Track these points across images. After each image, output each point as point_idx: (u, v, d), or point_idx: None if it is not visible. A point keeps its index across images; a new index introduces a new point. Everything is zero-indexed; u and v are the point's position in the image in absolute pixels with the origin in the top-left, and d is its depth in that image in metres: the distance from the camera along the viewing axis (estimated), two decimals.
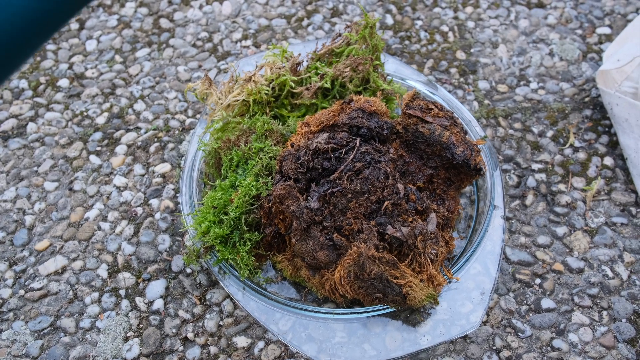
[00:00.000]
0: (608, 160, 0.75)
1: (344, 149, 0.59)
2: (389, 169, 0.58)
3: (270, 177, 0.62)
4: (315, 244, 0.56)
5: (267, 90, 0.68)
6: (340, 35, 0.72)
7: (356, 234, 0.55)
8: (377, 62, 0.71)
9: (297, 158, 0.58)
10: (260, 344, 0.62)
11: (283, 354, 0.62)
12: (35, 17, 0.33)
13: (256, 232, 0.61)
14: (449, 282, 0.59)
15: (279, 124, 0.67)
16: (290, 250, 0.61)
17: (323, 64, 0.71)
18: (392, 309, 0.57)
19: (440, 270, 0.58)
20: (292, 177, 0.58)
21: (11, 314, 0.65)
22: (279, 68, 0.70)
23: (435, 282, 0.56)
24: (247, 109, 0.69)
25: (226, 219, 0.61)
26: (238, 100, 0.68)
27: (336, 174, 0.57)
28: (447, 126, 0.63)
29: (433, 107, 0.65)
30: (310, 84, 0.69)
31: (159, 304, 0.66)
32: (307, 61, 0.72)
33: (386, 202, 0.56)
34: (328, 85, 0.68)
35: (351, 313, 0.58)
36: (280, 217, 0.60)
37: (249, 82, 0.68)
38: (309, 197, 0.57)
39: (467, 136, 0.65)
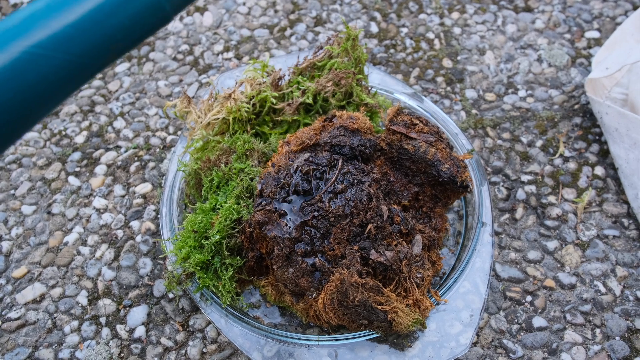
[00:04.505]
0: (599, 170, 0.74)
1: (326, 168, 0.57)
2: (372, 190, 0.56)
3: (251, 200, 0.60)
4: (297, 270, 0.54)
5: (248, 108, 0.66)
6: (321, 47, 0.70)
7: (339, 260, 0.54)
8: (360, 75, 0.69)
9: (277, 181, 0.57)
10: None
11: None
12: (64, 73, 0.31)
13: (238, 257, 0.59)
14: (437, 304, 0.57)
15: (260, 143, 0.65)
16: (273, 276, 0.60)
17: (305, 78, 0.69)
18: (379, 335, 0.55)
19: (427, 294, 0.57)
20: (272, 200, 0.56)
21: None
22: (260, 84, 0.68)
23: (421, 306, 0.54)
24: (228, 127, 0.67)
25: (207, 243, 0.59)
26: (218, 119, 0.66)
27: (317, 197, 0.55)
28: (433, 142, 0.61)
29: (418, 122, 0.63)
30: (292, 99, 0.68)
31: (140, 332, 0.64)
32: (288, 75, 0.70)
33: (369, 226, 0.54)
34: (310, 100, 0.67)
35: (337, 339, 0.56)
36: (263, 242, 0.58)
37: (228, 100, 0.66)
38: (289, 222, 0.55)
39: (453, 151, 0.63)
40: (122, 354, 0.62)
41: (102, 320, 0.65)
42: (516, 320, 0.62)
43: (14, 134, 0.31)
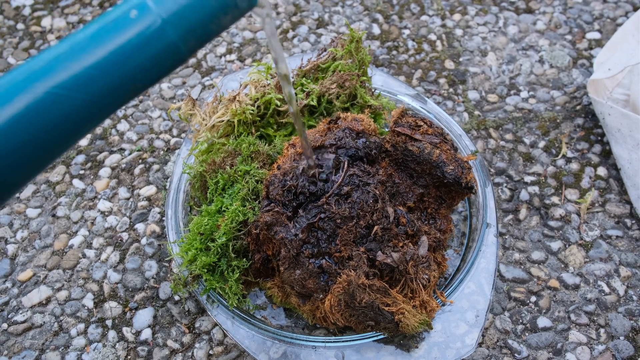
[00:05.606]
0: (601, 171, 0.74)
1: (332, 170, 0.58)
2: (378, 192, 0.57)
3: (257, 202, 0.60)
4: (304, 272, 0.54)
5: (252, 110, 0.66)
6: (325, 50, 0.70)
7: (346, 261, 0.54)
8: (364, 77, 0.70)
9: (283, 183, 0.57)
10: None
11: None
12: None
13: (244, 259, 0.59)
14: (443, 305, 0.58)
15: (265, 145, 0.66)
16: (279, 277, 0.60)
17: (309, 80, 0.69)
18: (385, 336, 0.56)
19: (434, 294, 0.57)
20: (279, 202, 0.57)
21: None
22: (264, 86, 0.68)
23: (428, 307, 0.54)
24: (232, 130, 0.67)
25: (213, 246, 0.59)
26: (222, 121, 0.66)
27: (324, 199, 0.55)
28: (437, 144, 0.62)
29: (422, 123, 0.63)
30: (296, 101, 0.68)
31: (147, 334, 0.64)
32: (292, 77, 0.70)
33: (376, 227, 0.54)
34: (314, 102, 0.67)
35: (343, 340, 0.56)
36: (269, 244, 0.58)
37: (233, 102, 0.67)
38: (296, 224, 0.55)
39: (457, 153, 0.63)
40: (129, 357, 0.62)
41: (109, 322, 0.65)
42: (521, 321, 0.63)
43: (32, 172, 0.32)
